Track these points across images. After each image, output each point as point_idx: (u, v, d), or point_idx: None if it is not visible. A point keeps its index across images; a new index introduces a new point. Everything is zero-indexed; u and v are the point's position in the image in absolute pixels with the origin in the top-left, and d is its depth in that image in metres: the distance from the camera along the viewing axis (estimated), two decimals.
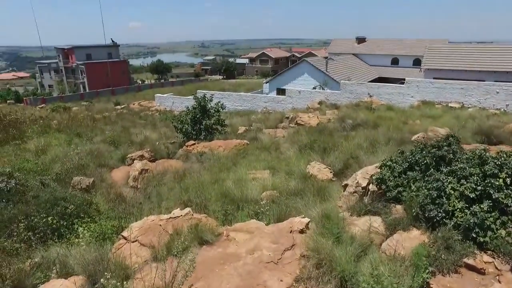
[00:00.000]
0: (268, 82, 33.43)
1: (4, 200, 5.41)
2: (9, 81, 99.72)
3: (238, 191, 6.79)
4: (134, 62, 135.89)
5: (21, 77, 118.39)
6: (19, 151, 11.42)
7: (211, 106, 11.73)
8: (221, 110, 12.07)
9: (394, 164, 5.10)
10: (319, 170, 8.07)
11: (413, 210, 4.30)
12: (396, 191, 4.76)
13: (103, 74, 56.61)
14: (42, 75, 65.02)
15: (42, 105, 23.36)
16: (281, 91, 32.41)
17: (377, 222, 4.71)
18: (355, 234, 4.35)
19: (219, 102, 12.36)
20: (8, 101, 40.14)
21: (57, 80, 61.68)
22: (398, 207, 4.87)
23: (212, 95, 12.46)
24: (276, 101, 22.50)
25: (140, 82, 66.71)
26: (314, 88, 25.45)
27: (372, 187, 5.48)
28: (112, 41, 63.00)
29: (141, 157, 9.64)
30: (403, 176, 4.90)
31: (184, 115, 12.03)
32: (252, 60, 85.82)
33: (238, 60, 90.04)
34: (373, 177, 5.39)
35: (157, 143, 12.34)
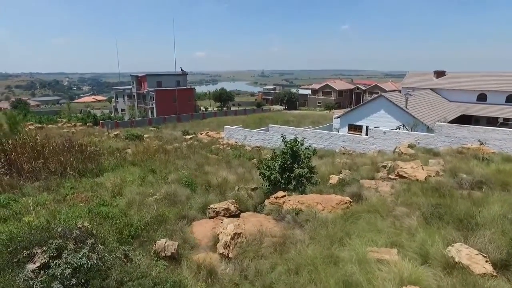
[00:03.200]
0: (339, 117, 31.45)
1: (83, 283, 4.16)
2: (90, 104, 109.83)
3: (366, 283, 4.94)
4: (197, 89, 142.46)
5: (99, 100, 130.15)
6: (96, 186, 10.76)
7: (302, 151, 10.20)
8: (312, 155, 10.48)
9: None
10: (469, 257, 5.89)
11: None
12: None
13: (171, 100, 59.03)
14: (117, 99, 69.97)
15: (117, 131, 23.75)
16: (354, 128, 30.30)
17: None
18: None
19: (310, 146, 10.82)
20: (87, 124, 42.93)
21: (129, 105, 65.74)
22: None
23: (304, 138, 10.87)
24: (356, 141, 20.42)
25: (204, 110, 68.56)
26: (398, 128, 22.95)
27: None
28: (182, 70, 66.06)
29: (227, 211, 8.25)
30: None
31: (270, 159, 10.59)
32: (314, 91, 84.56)
33: (301, 91, 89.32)
34: None
35: (237, 188, 10.99)
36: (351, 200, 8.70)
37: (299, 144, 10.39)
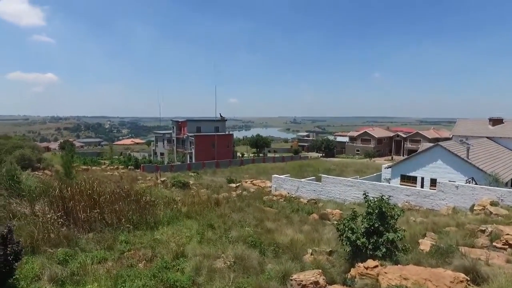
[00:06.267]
0: (390, 167, 29.54)
1: None
2: (129, 146, 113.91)
3: None
4: None
5: (137, 143, 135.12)
6: (154, 243, 9.74)
7: (390, 211, 8.78)
8: (400, 216, 9.02)
9: None
10: None
11: None
12: None
13: (210, 146, 59.48)
14: (157, 143, 71.73)
15: (164, 178, 23.26)
16: (407, 179, 28.21)
17: None
18: None
19: (395, 205, 9.42)
20: (129, 167, 43.51)
21: (169, 149, 66.95)
22: None
23: (390, 197, 9.44)
24: (422, 195, 18.47)
25: (241, 156, 68.39)
26: (469, 181, 20.78)
27: None
28: (221, 116, 67.32)
29: (315, 284, 6.86)
30: None
31: (349, 219, 9.20)
32: (352, 138, 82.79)
33: (338, 138, 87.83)
34: None
35: (310, 251, 9.57)
36: (468, 278, 7.03)
37: (385, 203, 8.97)
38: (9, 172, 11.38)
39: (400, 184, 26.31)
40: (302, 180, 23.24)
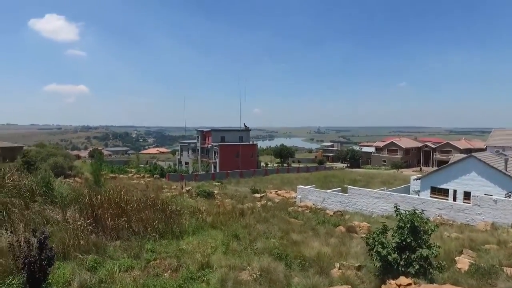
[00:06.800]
0: (420, 178, 28.50)
1: None
2: (154, 155, 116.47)
3: None
4: None
5: (163, 152, 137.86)
6: (179, 252, 9.74)
7: (423, 226, 8.35)
8: (434, 231, 8.57)
9: None
10: None
11: None
12: None
13: (234, 155, 59.76)
14: (182, 153, 72.87)
15: (189, 187, 23.47)
16: (438, 191, 27.10)
17: None
18: None
19: (428, 219, 8.97)
20: (154, 176, 44.31)
21: (193, 159, 67.81)
22: None
23: (423, 211, 9.01)
24: (456, 209, 17.59)
25: (264, 165, 68.22)
26: (508, 195, 19.67)
27: None
28: (245, 126, 67.66)
29: None
30: None
31: (379, 233, 8.83)
32: (378, 149, 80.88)
33: (364, 149, 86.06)
34: None
35: (337, 265, 9.26)
36: None
37: (418, 217, 8.56)
38: (44, 179, 11.79)
39: (431, 197, 25.29)
40: (328, 191, 22.77)
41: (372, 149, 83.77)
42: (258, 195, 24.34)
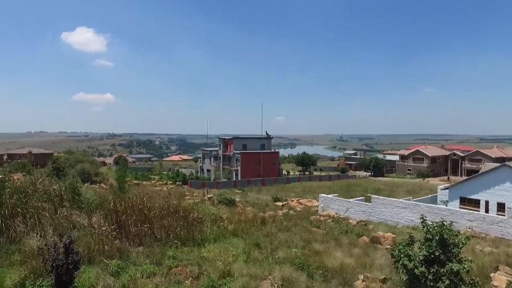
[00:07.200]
0: (447, 188, 27.47)
1: None
2: (177, 162, 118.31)
3: None
4: None
5: (185, 160, 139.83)
6: (200, 260, 9.75)
7: (453, 238, 7.97)
8: (465, 244, 8.17)
9: None
10: None
11: None
12: None
13: (255, 163, 59.80)
14: (204, 160, 73.62)
15: (210, 195, 23.61)
16: (467, 202, 26.04)
17: None
18: None
19: (458, 231, 8.58)
20: (177, 183, 44.97)
21: (215, 166, 68.34)
22: None
23: (452, 222, 8.64)
24: (488, 222, 16.75)
25: (286, 173, 67.84)
26: None
27: None
28: (267, 133, 67.70)
29: None
30: None
31: (405, 245, 8.51)
32: (403, 157, 78.80)
33: (388, 157, 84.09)
34: None
35: (361, 277, 9.00)
36: None
37: (447, 229, 8.20)
38: (71, 185, 12.18)
39: (460, 208, 24.29)
40: (351, 200, 22.29)
41: (396, 157, 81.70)
42: (279, 204, 24.16)
